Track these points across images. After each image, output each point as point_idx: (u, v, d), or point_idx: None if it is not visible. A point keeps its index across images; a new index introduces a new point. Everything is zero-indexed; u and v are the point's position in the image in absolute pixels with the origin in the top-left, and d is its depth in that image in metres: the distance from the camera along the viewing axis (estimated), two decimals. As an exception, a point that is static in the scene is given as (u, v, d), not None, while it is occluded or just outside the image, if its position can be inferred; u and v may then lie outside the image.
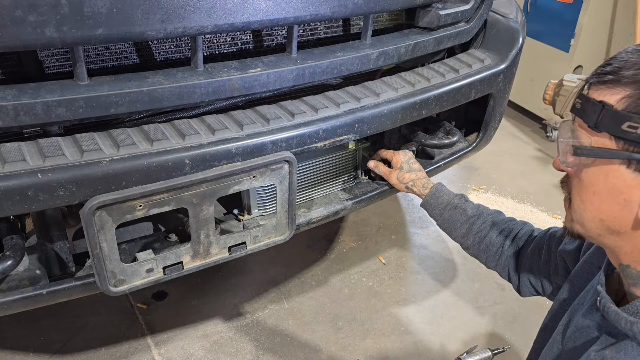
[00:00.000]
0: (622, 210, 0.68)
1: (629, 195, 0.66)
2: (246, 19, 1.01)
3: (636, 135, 0.63)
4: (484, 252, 1.21)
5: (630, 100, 0.64)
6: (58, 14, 0.82)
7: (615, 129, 0.65)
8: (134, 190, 0.92)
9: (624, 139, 0.65)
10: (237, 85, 1.06)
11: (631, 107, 0.64)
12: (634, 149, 0.64)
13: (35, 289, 1.00)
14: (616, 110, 0.65)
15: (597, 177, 0.69)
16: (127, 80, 0.96)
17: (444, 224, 1.29)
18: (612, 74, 0.67)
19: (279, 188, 1.11)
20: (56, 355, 1.65)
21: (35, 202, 0.86)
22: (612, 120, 0.65)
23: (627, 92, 0.65)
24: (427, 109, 1.31)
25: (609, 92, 0.67)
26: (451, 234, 1.29)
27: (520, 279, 1.14)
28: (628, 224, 0.69)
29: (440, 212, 1.29)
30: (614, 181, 0.67)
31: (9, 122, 0.87)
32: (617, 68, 0.67)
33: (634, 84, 0.64)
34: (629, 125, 0.64)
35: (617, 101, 0.65)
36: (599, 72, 0.69)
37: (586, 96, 0.70)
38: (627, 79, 0.65)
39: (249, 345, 1.73)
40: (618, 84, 0.66)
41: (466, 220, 1.24)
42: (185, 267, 1.08)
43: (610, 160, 0.67)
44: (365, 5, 1.17)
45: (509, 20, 1.59)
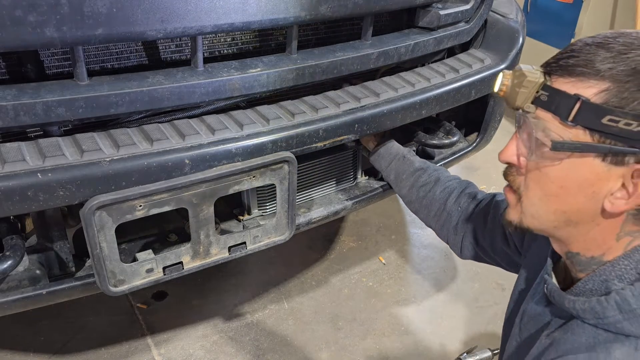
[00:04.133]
0: (588, 202, 0.68)
1: (599, 187, 0.67)
2: (246, 19, 1.01)
3: (617, 129, 0.63)
4: (426, 207, 1.20)
5: (609, 94, 0.63)
6: (58, 14, 0.82)
7: (594, 122, 0.64)
8: (133, 190, 0.92)
9: (600, 132, 0.64)
10: (237, 85, 1.06)
11: (611, 100, 0.63)
12: (612, 142, 0.64)
13: (35, 289, 1.00)
14: (595, 104, 0.64)
15: (567, 171, 0.68)
16: (127, 80, 0.96)
17: (390, 174, 1.29)
18: (583, 66, 0.65)
19: (279, 188, 1.11)
20: (56, 355, 1.65)
21: (35, 202, 0.86)
22: (591, 113, 0.64)
23: (604, 85, 0.64)
24: (427, 109, 1.31)
25: (582, 85, 0.65)
26: (396, 186, 1.29)
27: (463, 241, 1.13)
28: (590, 215, 0.69)
29: (388, 163, 1.30)
30: (586, 174, 0.67)
31: (8, 122, 0.87)
32: (588, 60, 0.65)
33: (610, 77, 0.63)
34: (610, 119, 0.63)
35: (594, 94, 0.64)
36: (563, 64, 0.67)
37: (555, 88, 0.67)
38: (603, 72, 0.64)
39: (249, 346, 1.73)
40: (591, 77, 0.64)
41: (412, 172, 1.24)
42: (185, 267, 1.08)
43: (584, 154, 0.66)
44: (365, 5, 1.17)
45: (509, 20, 1.59)
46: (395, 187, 1.30)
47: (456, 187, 1.18)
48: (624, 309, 0.66)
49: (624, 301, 0.66)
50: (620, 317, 0.66)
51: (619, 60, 0.63)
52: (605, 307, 0.67)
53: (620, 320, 0.66)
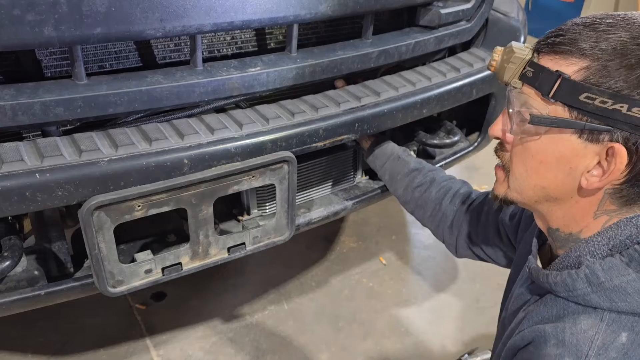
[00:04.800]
0: (566, 178, 0.70)
1: (575, 163, 0.69)
2: (245, 17, 1.00)
3: (593, 106, 0.65)
4: (422, 207, 1.21)
5: (588, 71, 0.65)
6: (56, 13, 0.82)
7: (572, 99, 0.66)
8: (132, 190, 0.91)
9: (578, 109, 0.66)
10: (237, 84, 1.05)
11: (590, 78, 0.65)
12: (588, 119, 0.66)
13: (33, 290, 1.00)
14: (574, 81, 0.66)
15: (546, 146, 0.71)
16: (126, 80, 0.96)
17: (385, 174, 1.29)
18: (567, 44, 0.67)
19: (279, 188, 1.11)
20: (55, 356, 1.65)
21: (34, 202, 0.85)
22: (570, 90, 0.66)
23: (585, 63, 0.65)
24: (428, 109, 1.31)
25: (565, 62, 0.67)
26: (391, 186, 1.29)
27: (458, 239, 1.14)
28: (568, 191, 0.72)
29: (382, 163, 1.30)
30: (563, 150, 0.69)
31: (7, 122, 0.86)
32: (572, 39, 0.67)
33: (592, 56, 0.65)
34: (587, 96, 0.65)
35: (575, 72, 0.66)
36: (550, 42, 0.69)
37: (539, 65, 0.70)
38: (585, 50, 0.66)
39: (248, 346, 1.72)
40: (574, 54, 0.66)
41: (408, 172, 1.24)
42: (184, 267, 1.07)
43: (562, 129, 0.68)
44: (365, 4, 1.16)
45: (510, 19, 1.59)
46: (390, 187, 1.30)
47: (451, 187, 1.19)
48: (592, 282, 0.69)
49: (593, 274, 0.69)
50: (589, 290, 0.69)
51: (602, 40, 0.65)
52: (575, 279, 0.70)
53: (588, 293, 0.69)
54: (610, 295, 0.67)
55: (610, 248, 0.71)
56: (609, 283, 0.68)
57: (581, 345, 0.66)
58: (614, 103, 0.64)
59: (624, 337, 0.65)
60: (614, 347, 0.65)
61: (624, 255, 0.69)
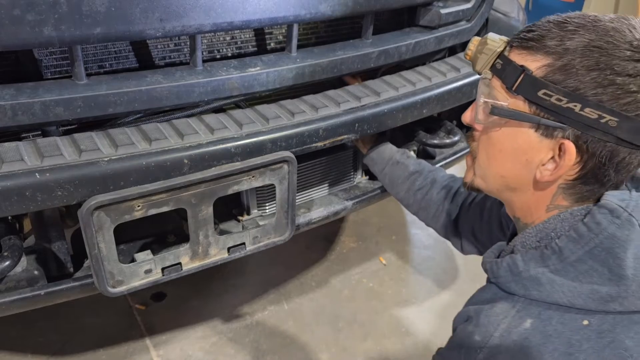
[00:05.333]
0: (523, 169, 0.74)
1: (531, 156, 0.72)
2: (245, 17, 1.00)
3: (549, 103, 0.68)
4: (425, 209, 1.22)
5: (549, 69, 0.68)
6: (56, 13, 0.82)
7: (532, 94, 0.69)
8: (132, 190, 0.91)
9: (537, 104, 0.69)
10: (237, 84, 1.05)
11: (549, 76, 0.67)
12: (544, 115, 0.69)
13: (33, 290, 1.00)
14: (535, 77, 0.68)
15: (505, 137, 0.74)
16: (126, 80, 0.96)
17: (385, 179, 1.30)
18: (535, 40, 0.69)
19: (279, 188, 1.11)
20: (54, 356, 1.64)
21: (33, 202, 0.85)
22: (530, 85, 0.69)
23: (547, 60, 0.68)
24: (429, 109, 1.30)
25: (530, 58, 0.70)
26: (392, 190, 1.30)
27: (463, 236, 1.16)
28: (525, 183, 0.75)
29: (382, 168, 1.30)
30: (520, 142, 0.72)
31: (6, 121, 0.86)
32: (541, 36, 0.69)
33: (555, 54, 0.67)
34: (545, 93, 0.68)
35: (537, 68, 0.69)
36: (522, 37, 0.72)
37: (507, 58, 0.72)
38: (550, 48, 0.68)
39: (248, 347, 1.72)
40: (539, 51, 0.69)
41: (408, 176, 1.25)
42: (184, 267, 1.07)
43: (521, 122, 0.71)
44: (365, 4, 1.16)
45: (511, 19, 1.58)
46: (391, 191, 1.31)
47: (452, 187, 1.19)
48: (513, 271, 0.73)
49: (513, 264, 0.73)
50: (510, 278, 0.73)
51: (566, 39, 0.67)
52: (499, 267, 0.75)
53: (509, 281, 0.73)
54: (525, 283, 0.71)
55: (538, 240, 0.75)
56: (526, 273, 0.71)
57: (489, 326, 0.71)
58: (569, 102, 0.66)
59: (528, 324, 0.69)
60: (517, 332, 0.69)
61: (547, 248, 0.72)
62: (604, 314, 0.67)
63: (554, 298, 0.69)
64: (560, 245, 0.70)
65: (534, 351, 0.67)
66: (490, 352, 0.70)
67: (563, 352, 0.66)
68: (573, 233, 0.70)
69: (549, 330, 0.68)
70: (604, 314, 0.67)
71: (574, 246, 0.69)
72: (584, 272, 0.68)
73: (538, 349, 0.67)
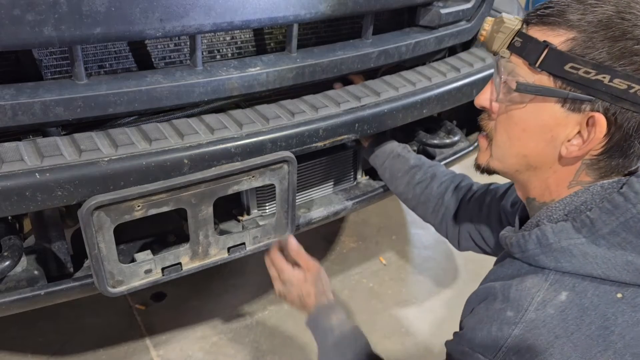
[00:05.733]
0: (547, 147, 0.73)
1: (557, 132, 0.71)
2: (245, 17, 1.00)
3: (577, 76, 0.67)
4: (424, 203, 1.21)
5: (574, 42, 0.67)
6: (56, 13, 0.82)
7: (558, 68, 0.69)
8: (132, 190, 0.91)
9: (563, 79, 0.69)
10: (237, 84, 1.05)
11: (575, 49, 0.67)
12: (571, 89, 0.68)
13: (33, 290, 1.00)
14: (560, 51, 0.68)
15: (529, 114, 0.73)
16: (125, 80, 0.96)
17: (385, 172, 1.30)
18: (556, 15, 0.70)
19: (279, 188, 1.11)
20: (54, 356, 1.64)
21: (33, 202, 0.85)
22: (555, 60, 0.69)
23: (571, 34, 0.68)
24: (429, 109, 1.30)
25: (552, 33, 0.70)
26: (392, 184, 1.30)
27: (460, 232, 1.15)
28: (548, 160, 0.74)
29: (383, 161, 1.30)
30: (546, 118, 0.72)
31: (7, 121, 0.86)
32: (561, 11, 0.69)
33: (578, 27, 0.67)
34: (572, 66, 0.67)
35: (561, 42, 0.68)
36: (539, 14, 0.72)
37: (527, 35, 0.72)
38: (572, 22, 0.68)
39: (248, 347, 1.72)
40: (562, 26, 0.69)
41: (408, 169, 1.25)
42: (184, 267, 1.07)
43: (546, 98, 0.71)
44: (365, 4, 1.16)
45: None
46: (391, 185, 1.31)
47: (452, 181, 1.19)
48: (542, 243, 0.71)
49: (543, 236, 0.72)
50: (539, 251, 0.71)
51: (588, 12, 0.67)
52: (527, 240, 0.73)
53: (538, 254, 0.72)
54: (556, 256, 0.70)
55: (565, 214, 0.74)
56: (557, 245, 0.70)
57: (522, 300, 0.70)
58: (597, 74, 0.66)
59: (564, 296, 0.68)
60: (553, 304, 0.68)
61: (577, 221, 0.71)
62: (637, 287, 0.67)
63: (588, 270, 0.68)
64: (592, 217, 0.69)
65: (571, 324, 0.66)
66: (526, 326, 0.68)
67: (599, 326, 0.66)
68: (607, 204, 0.69)
69: (585, 302, 0.67)
70: (637, 287, 0.67)
71: (608, 218, 0.68)
72: (616, 245, 0.68)
73: (575, 322, 0.66)
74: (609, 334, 0.66)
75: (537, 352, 0.67)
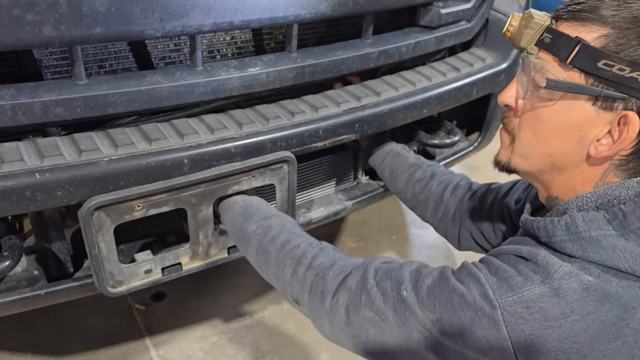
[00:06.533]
0: (575, 146, 0.71)
1: (586, 131, 0.70)
2: (245, 17, 1.00)
3: (610, 74, 0.66)
4: (423, 202, 1.21)
5: (608, 39, 0.66)
6: (56, 13, 0.82)
7: (590, 65, 0.67)
8: (132, 190, 0.91)
9: (595, 76, 0.67)
10: (237, 84, 1.05)
11: (609, 46, 0.66)
12: (604, 87, 0.67)
13: (33, 290, 1.00)
14: (593, 47, 0.67)
15: (558, 112, 0.71)
16: (125, 80, 0.96)
17: (385, 171, 1.29)
18: (588, 11, 0.68)
19: (279, 188, 1.11)
20: (54, 356, 1.64)
21: (33, 202, 0.85)
22: (588, 56, 0.67)
23: (605, 30, 0.66)
24: (429, 109, 1.30)
25: (584, 30, 0.68)
26: (391, 183, 1.29)
27: (460, 231, 1.14)
28: (575, 160, 0.73)
29: (382, 159, 1.30)
30: (575, 117, 0.70)
31: (6, 121, 0.86)
32: (593, 7, 0.68)
33: (612, 24, 0.66)
34: (605, 63, 0.66)
35: (594, 39, 0.67)
36: (571, 9, 0.70)
37: (558, 31, 0.70)
38: (606, 18, 0.66)
39: (248, 347, 1.72)
40: (594, 22, 0.68)
41: (407, 168, 1.24)
42: (184, 268, 1.07)
43: (576, 95, 0.69)
44: (365, 4, 1.16)
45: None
46: (390, 184, 1.30)
47: (451, 180, 1.19)
48: (571, 230, 0.69)
49: (573, 223, 0.70)
50: (566, 238, 0.70)
51: (623, 8, 0.66)
52: (556, 226, 0.71)
53: (565, 241, 0.70)
54: (584, 245, 0.68)
55: (597, 205, 0.72)
56: (586, 234, 0.68)
57: (550, 267, 0.68)
58: (632, 71, 0.64)
59: (590, 277, 0.67)
60: (578, 280, 0.67)
61: (608, 212, 0.69)
62: None
63: (615, 263, 0.66)
64: (626, 210, 0.68)
65: (590, 305, 0.65)
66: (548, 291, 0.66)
67: (616, 315, 0.65)
68: None
69: (610, 289, 0.65)
70: None
71: None
72: None
73: (594, 305, 0.65)
74: (624, 326, 0.65)
75: (548, 318, 0.66)
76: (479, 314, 0.69)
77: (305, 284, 0.85)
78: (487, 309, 0.68)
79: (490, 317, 0.68)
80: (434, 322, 0.72)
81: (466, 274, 0.73)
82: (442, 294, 0.73)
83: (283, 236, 0.92)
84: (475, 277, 0.71)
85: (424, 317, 0.73)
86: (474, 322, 0.69)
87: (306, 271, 0.86)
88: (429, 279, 0.76)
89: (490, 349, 0.69)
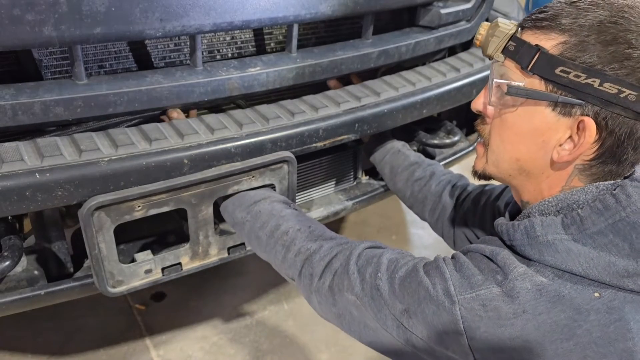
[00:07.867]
0: (539, 151, 0.74)
1: (548, 136, 0.72)
2: (245, 17, 1.00)
3: (567, 80, 0.68)
4: (422, 201, 1.22)
5: (565, 46, 0.68)
6: (56, 13, 0.82)
7: (548, 72, 0.69)
8: (132, 190, 0.91)
9: (554, 82, 0.69)
10: (237, 84, 1.05)
11: (566, 53, 0.68)
12: (562, 93, 0.69)
13: (33, 290, 1.00)
14: (551, 55, 0.69)
15: (521, 118, 0.74)
16: (126, 80, 0.96)
17: (385, 168, 1.30)
18: (549, 20, 0.70)
19: (279, 188, 1.11)
20: (54, 356, 1.64)
21: (34, 202, 0.85)
22: (546, 63, 0.69)
23: (563, 38, 0.68)
24: (428, 109, 1.30)
25: (545, 37, 0.70)
26: (390, 180, 1.30)
27: (455, 232, 1.16)
28: (541, 165, 0.75)
29: (383, 157, 1.31)
30: (537, 122, 0.72)
31: (7, 121, 0.86)
32: (554, 15, 0.70)
33: (570, 31, 0.68)
34: (562, 70, 0.68)
35: (553, 46, 0.69)
36: (534, 18, 0.73)
37: (520, 39, 0.73)
38: (564, 26, 0.68)
39: (248, 347, 1.72)
40: (554, 30, 0.70)
41: (408, 166, 1.25)
42: (184, 267, 1.07)
43: (537, 101, 0.71)
44: (365, 4, 1.16)
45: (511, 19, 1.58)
46: (389, 181, 1.31)
47: (450, 181, 1.20)
48: (529, 234, 0.72)
49: (531, 227, 0.72)
50: (525, 242, 0.72)
51: (581, 17, 0.68)
52: (516, 230, 0.74)
53: (524, 244, 0.72)
54: (541, 248, 0.70)
55: (557, 210, 0.74)
56: (543, 238, 0.70)
57: (507, 267, 0.70)
58: (587, 77, 0.66)
59: (544, 279, 0.69)
60: (532, 281, 0.68)
61: (567, 217, 0.71)
62: (617, 289, 0.67)
63: (569, 266, 0.68)
64: (582, 215, 0.69)
65: (542, 306, 0.67)
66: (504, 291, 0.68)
67: (569, 317, 0.66)
68: (598, 204, 0.69)
69: (563, 291, 0.67)
70: (616, 290, 0.67)
71: (597, 218, 0.68)
72: (602, 246, 0.67)
73: (547, 306, 0.67)
74: (576, 327, 0.66)
75: (501, 317, 0.68)
76: (440, 308, 0.71)
77: (296, 267, 0.90)
78: (447, 304, 0.71)
79: (449, 312, 0.70)
80: (402, 313, 0.75)
81: (434, 267, 0.76)
82: (411, 286, 0.75)
83: (272, 221, 0.96)
84: (441, 272, 0.74)
85: (394, 307, 0.76)
86: (435, 315, 0.71)
87: (295, 256, 0.90)
88: (402, 270, 0.78)
89: (450, 343, 0.71)
